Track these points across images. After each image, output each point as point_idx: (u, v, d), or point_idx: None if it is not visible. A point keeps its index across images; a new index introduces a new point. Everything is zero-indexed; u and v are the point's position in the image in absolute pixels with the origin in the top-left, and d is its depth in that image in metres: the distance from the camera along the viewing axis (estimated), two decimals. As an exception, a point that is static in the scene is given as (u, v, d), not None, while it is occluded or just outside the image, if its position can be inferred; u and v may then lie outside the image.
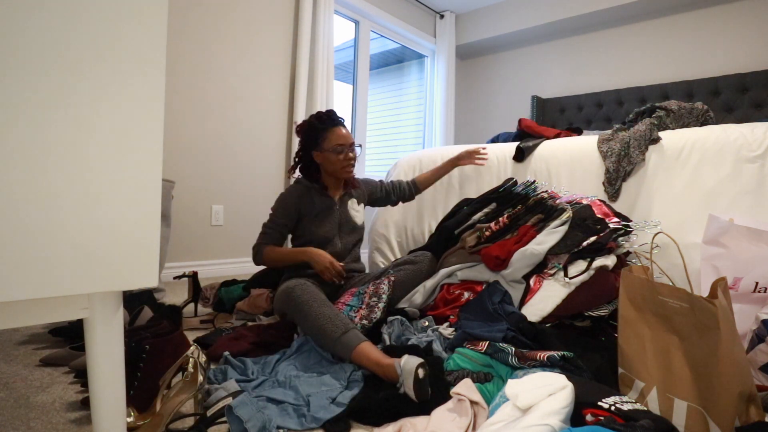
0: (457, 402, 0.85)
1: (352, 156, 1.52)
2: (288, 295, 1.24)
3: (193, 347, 0.95)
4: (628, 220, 1.38)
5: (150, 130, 0.59)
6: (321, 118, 1.51)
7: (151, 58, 0.59)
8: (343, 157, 1.49)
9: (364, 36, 3.66)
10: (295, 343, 1.20)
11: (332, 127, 1.50)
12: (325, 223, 1.53)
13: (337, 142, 1.48)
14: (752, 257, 1.16)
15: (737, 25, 3.05)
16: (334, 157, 1.49)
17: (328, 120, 1.51)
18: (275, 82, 2.89)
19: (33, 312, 0.55)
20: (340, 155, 1.49)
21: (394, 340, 1.18)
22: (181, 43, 2.42)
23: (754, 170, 1.40)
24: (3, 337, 1.36)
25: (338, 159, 1.49)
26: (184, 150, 2.46)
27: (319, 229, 1.52)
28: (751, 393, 0.73)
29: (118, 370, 0.62)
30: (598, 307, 1.24)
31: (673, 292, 0.82)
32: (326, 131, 1.49)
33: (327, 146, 1.49)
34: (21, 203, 0.51)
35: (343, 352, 1.07)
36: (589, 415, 0.71)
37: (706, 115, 1.83)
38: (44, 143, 0.52)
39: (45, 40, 0.51)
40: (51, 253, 0.53)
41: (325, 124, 1.50)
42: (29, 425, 0.85)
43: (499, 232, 1.46)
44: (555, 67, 3.91)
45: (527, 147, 1.87)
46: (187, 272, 1.64)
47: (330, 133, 1.49)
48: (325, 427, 0.85)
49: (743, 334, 1.07)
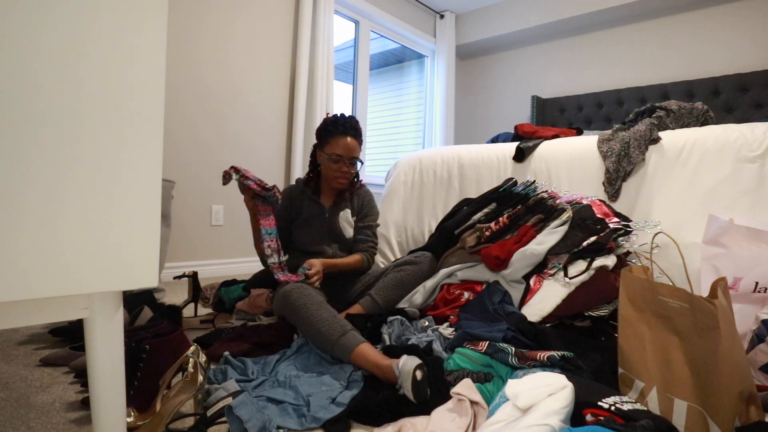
0: (457, 402, 0.85)
1: (346, 170, 1.50)
2: (285, 299, 1.24)
3: (193, 347, 0.95)
4: (628, 220, 1.38)
5: (150, 130, 0.59)
6: (335, 122, 1.49)
7: (150, 57, 0.59)
8: (337, 168, 1.49)
9: (364, 36, 3.66)
10: (295, 344, 1.20)
11: (339, 135, 1.48)
12: (312, 229, 1.54)
13: (335, 150, 1.48)
14: (752, 257, 1.16)
15: (737, 25, 3.05)
16: (328, 164, 1.50)
17: (340, 126, 1.49)
18: (275, 82, 2.89)
19: (33, 312, 0.55)
20: (335, 165, 1.49)
21: (394, 340, 1.18)
22: (180, 43, 2.42)
23: (754, 170, 1.40)
24: (3, 337, 1.36)
25: (332, 168, 1.49)
26: (184, 150, 2.46)
27: (306, 235, 1.54)
28: (751, 393, 0.73)
29: (118, 370, 0.62)
30: (598, 307, 1.24)
31: (673, 292, 0.82)
32: (332, 136, 1.49)
33: (327, 151, 1.49)
34: (21, 203, 0.51)
35: (342, 354, 1.07)
36: (589, 415, 0.71)
37: (706, 115, 1.83)
38: (44, 143, 0.52)
39: (42, 33, 0.51)
40: (51, 253, 0.53)
41: (335, 129, 1.48)
42: (29, 425, 0.85)
43: (499, 232, 1.46)
44: (555, 67, 3.91)
45: (527, 147, 1.87)
46: (187, 272, 1.64)
47: (334, 139, 1.48)
48: (325, 428, 0.85)
49: (743, 334, 1.07)
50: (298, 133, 2.90)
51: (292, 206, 1.55)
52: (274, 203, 1.37)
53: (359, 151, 1.53)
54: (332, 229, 1.56)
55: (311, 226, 1.54)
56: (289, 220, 1.56)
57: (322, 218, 1.55)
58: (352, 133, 1.50)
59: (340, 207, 1.59)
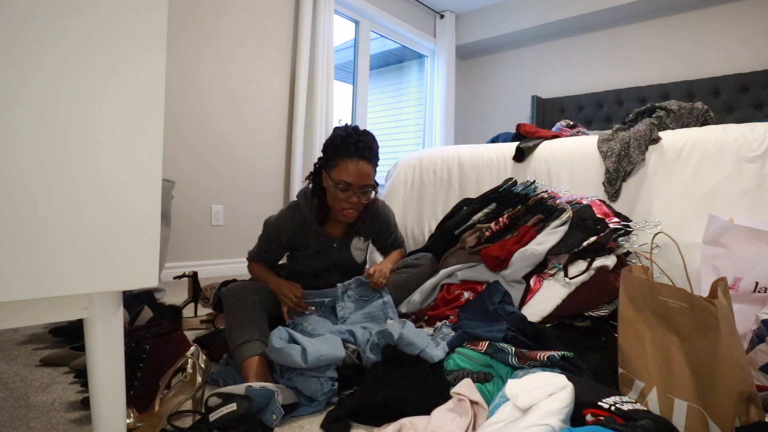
0: (457, 402, 0.85)
1: (356, 201, 1.23)
2: (223, 298, 1.21)
3: (193, 348, 0.95)
4: (628, 220, 1.38)
5: (150, 130, 0.59)
6: (346, 141, 1.21)
7: (150, 58, 0.59)
8: (344, 198, 1.23)
9: (364, 36, 3.66)
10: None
11: (349, 157, 1.20)
12: (319, 260, 1.36)
13: (343, 177, 1.21)
14: (752, 257, 1.16)
15: (737, 25, 3.05)
16: (334, 192, 1.24)
17: (352, 146, 1.20)
18: (275, 81, 2.89)
19: (33, 312, 0.55)
20: (342, 194, 1.22)
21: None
22: (180, 43, 2.42)
23: (754, 170, 1.40)
24: (3, 337, 1.36)
25: (338, 197, 1.23)
26: (184, 150, 2.46)
27: (312, 265, 1.37)
28: (751, 393, 0.73)
29: (118, 370, 0.62)
30: (598, 307, 1.24)
31: (673, 292, 0.82)
32: (340, 158, 1.21)
33: (334, 177, 1.23)
34: (21, 203, 0.51)
35: (237, 360, 1.06)
36: (589, 415, 0.71)
37: (706, 115, 1.83)
38: (43, 143, 0.52)
39: (42, 32, 0.51)
40: (51, 253, 0.53)
41: (346, 149, 1.21)
42: (29, 425, 0.85)
43: (499, 233, 1.46)
44: (555, 67, 3.91)
45: (527, 147, 1.87)
46: (187, 272, 1.64)
47: (343, 162, 1.21)
48: (325, 427, 0.85)
49: (743, 334, 1.07)
50: (298, 133, 2.90)
51: (294, 238, 1.33)
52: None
53: (374, 176, 1.26)
54: (340, 260, 1.39)
55: (317, 259, 1.36)
56: (288, 248, 1.38)
57: (331, 250, 1.36)
58: (366, 155, 1.22)
59: (351, 237, 1.38)
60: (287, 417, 0.91)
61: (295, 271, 1.40)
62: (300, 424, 0.88)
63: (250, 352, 1.05)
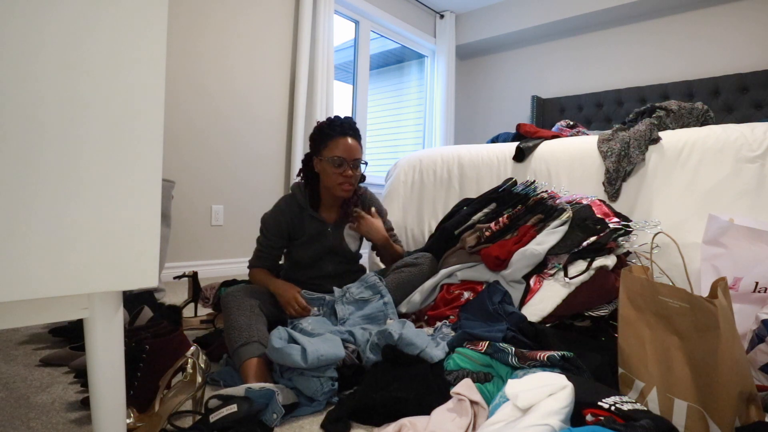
0: (457, 402, 0.85)
1: (350, 174, 1.35)
2: (221, 301, 1.22)
3: (193, 348, 0.95)
4: (628, 220, 1.38)
5: (150, 130, 0.59)
6: (332, 124, 1.36)
7: (150, 57, 0.59)
8: (340, 172, 1.34)
9: (364, 36, 3.66)
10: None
11: (338, 136, 1.34)
12: (314, 247, 1.42)
13: (336, 153, 1.33)
14: (752, 257, 1.16)
15: (737, 25, 3.05)
16: (330, 170, 1.34)
17: (339, 127, 1.35)
18: (275, 81, 2.89)
19: (33, 312, 0.55)
20: (338, 169, 1.34)
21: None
22: (181, 43, 2.42)
23: (754, 170, 1.40)
24: (3, 337, 1.36)
25: (335, 173, 1.34)
26: (184, 150, 2.46)
27: (306, 252, 1.42)
28: (751, 393, 0.73)
29: (118, 370, 0.62)
30: (598, 307, 1.24)
31: (673, 292, 0.82)
32: (330, 139, 1.35)
33: (326, 155, 1.35)
34: (20, 203, 0.51)
35: (237, 362, 1.06)
36: (589, 415, 0.71)
37: (706, 115, 1.83)
38: (44, 143, 0.52)
39: (42, 41, 0.51)
40: (51, 253, 0.53)
41: (333, 131, 1.35)
42: (29, 425, 0.85)
43: (499, 233, 1.46)
44: (555, 67, 3.91)
45: (527, 147, 1.87)
46: (187, 272, 1.64)
47: (333, 141, 1.34)
48: (325, 427, 0.85)
49: (743, 334, 1.07)
50: (298, 133, 2.90)
51: (292, 226, 1.40)
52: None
53: (361, 152, 1.40)
54: (335, 246, 1.45)
55: (312, 245, 1.42)
56: (288, 239, 1.43)
57: (325, 236, 1.43)
58: (351, 133, 1.37)
59: (344, 221, 1.46)
60: (287, 417, 0.91)
61: (293, 262, 1.46)
62: (300, 424, 0.88)
63: (249, 354, 1.05)
